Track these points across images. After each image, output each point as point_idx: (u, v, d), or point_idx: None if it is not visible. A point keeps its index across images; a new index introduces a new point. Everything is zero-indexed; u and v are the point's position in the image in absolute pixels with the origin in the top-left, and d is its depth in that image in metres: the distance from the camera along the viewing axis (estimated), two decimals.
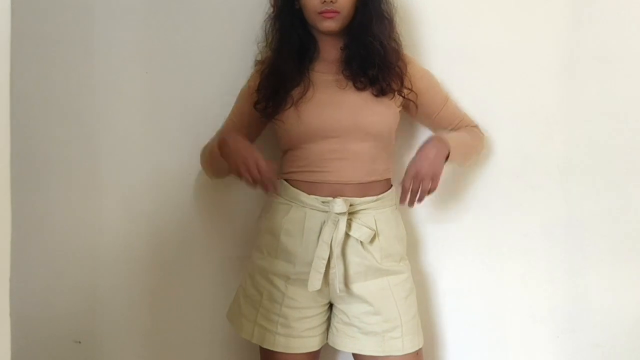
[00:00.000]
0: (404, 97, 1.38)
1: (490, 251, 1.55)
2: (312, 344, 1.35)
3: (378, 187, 1.37)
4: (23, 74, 1.39)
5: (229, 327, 1.43)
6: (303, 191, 1.33)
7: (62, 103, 1.46)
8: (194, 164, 1.50)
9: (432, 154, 1.30)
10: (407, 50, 1.43)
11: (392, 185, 1.41)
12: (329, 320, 1.39)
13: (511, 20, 1.53)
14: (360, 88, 1.35)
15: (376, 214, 1.35)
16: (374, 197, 1.35)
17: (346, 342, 1.35)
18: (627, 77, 1.52)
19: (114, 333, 1.49)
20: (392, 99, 1.36)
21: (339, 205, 1.29)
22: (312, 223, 1.32)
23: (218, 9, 1.49)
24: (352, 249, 1.32)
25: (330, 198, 1.31)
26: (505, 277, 1.55)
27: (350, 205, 1.30)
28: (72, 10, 1.45)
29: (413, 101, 1.39)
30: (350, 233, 1.31)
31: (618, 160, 1.53)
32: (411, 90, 1.38)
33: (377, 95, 1.34)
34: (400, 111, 1.40)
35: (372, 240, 1.33)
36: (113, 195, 1.49)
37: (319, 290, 1.31)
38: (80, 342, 1.48)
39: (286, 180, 1.37)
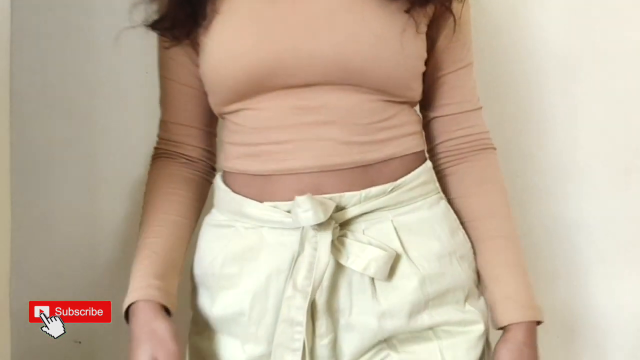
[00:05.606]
0: (441, 10, 0.79)
1: None
2: None
3: (395, 167, 0.77)
4: (23, 74, 1.38)
5: None
6: (250, 197, 0.77)
7: (62, 103, 1.46)
8: None
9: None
10: None
11: (426, 159, 0.87)
12: None
13: (510, 18, 1.53)
14: None
15: (397, 215, 0.77)
16: (389, 186, 0.75)
17: None
18: (627, 76, 1.52)
19: (114, 333, 1.49)
20: (411, 9, 0.75)
21: (310, 208, 0.69)
22: (277, 256, 0.75)
23: None
24: (357, 295, 0.74)
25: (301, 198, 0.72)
26: None
27: (339, 206, 0.71)
28: (72, 10, 1.45)
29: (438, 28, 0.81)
30: (344, 262, 0.72)
31: (618, 160, 1.53)
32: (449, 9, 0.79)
33: None
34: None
35: (393, 270, 0.73)
36: (113, 196, 1.49)
37: None
38: (80, 342, 1.48)
39: (224, 179, 0.85)
